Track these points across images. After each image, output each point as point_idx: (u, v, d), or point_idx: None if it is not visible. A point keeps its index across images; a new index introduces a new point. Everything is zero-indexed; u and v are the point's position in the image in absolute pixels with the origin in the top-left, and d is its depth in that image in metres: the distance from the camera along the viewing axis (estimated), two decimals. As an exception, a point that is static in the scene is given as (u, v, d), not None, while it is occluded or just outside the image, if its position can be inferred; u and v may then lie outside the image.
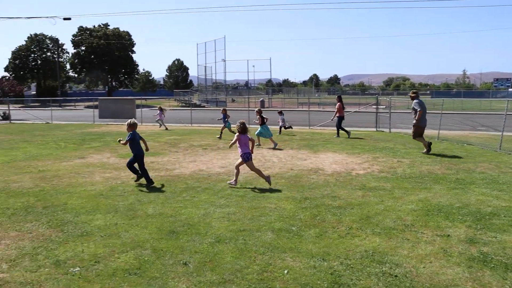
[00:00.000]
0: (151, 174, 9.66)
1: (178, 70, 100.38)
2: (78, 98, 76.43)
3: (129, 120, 9.40)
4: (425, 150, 13.25)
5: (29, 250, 5.60)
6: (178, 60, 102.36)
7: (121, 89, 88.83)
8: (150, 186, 9.00)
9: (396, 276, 4.74)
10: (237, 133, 9.04)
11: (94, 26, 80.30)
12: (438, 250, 5.45)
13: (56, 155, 13.64)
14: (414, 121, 13.39)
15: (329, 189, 8.65)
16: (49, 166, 11.65)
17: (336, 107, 18.37)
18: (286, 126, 20.11)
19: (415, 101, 13.52)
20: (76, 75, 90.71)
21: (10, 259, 5.33)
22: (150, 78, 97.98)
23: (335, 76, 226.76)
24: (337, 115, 18.19)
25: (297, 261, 5.13)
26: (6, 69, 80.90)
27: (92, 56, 77.14)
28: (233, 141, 9.11)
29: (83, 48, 78.12)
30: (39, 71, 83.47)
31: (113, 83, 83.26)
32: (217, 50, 54.11)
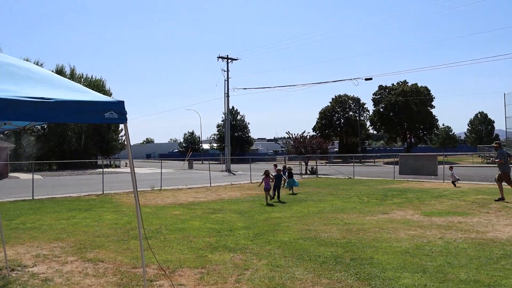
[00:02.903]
0: (459, 234, 9.69)
1: (481, 124, 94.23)
2: (378, 154, 78.80)
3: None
4: (499, 197, 15.10)
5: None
6: (481, 113, 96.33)
7: (419, 145, 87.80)
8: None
9: None
10: (263, 176, 16.90)
11: (392, 84, 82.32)
12: None
13: (360, 209, 14.06)
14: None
15: None
16: (354, 219, 12.05)
17: None
18: (454, 181, 21.65)
19: (500, 150, 15.53)
20: (375, 132, 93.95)
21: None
22: (450, 133, 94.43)
23: None
24: None
25: None
26: (314, 128, 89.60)
27: (391, 114, 78.81)
28: (260, 181, 17.26)
29: (382, 105, 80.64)
30: (342, 129, 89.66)
31: (412, 139, 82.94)
32: (529, 100, 48.67)
